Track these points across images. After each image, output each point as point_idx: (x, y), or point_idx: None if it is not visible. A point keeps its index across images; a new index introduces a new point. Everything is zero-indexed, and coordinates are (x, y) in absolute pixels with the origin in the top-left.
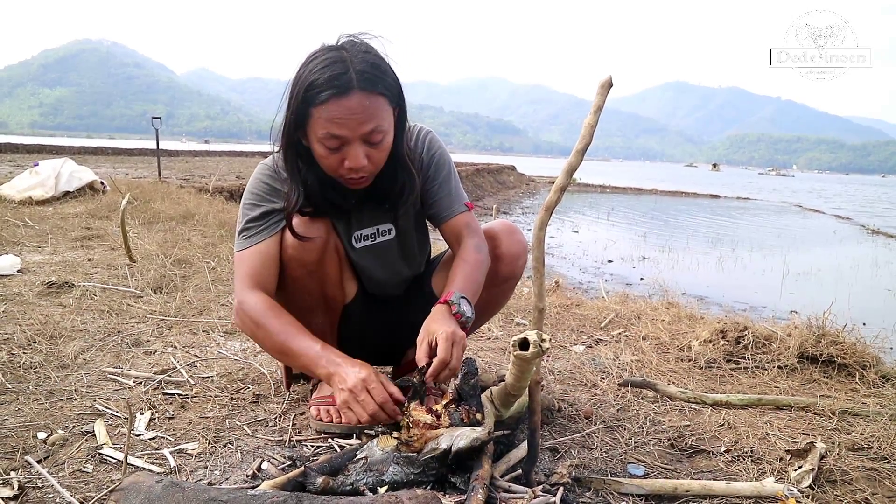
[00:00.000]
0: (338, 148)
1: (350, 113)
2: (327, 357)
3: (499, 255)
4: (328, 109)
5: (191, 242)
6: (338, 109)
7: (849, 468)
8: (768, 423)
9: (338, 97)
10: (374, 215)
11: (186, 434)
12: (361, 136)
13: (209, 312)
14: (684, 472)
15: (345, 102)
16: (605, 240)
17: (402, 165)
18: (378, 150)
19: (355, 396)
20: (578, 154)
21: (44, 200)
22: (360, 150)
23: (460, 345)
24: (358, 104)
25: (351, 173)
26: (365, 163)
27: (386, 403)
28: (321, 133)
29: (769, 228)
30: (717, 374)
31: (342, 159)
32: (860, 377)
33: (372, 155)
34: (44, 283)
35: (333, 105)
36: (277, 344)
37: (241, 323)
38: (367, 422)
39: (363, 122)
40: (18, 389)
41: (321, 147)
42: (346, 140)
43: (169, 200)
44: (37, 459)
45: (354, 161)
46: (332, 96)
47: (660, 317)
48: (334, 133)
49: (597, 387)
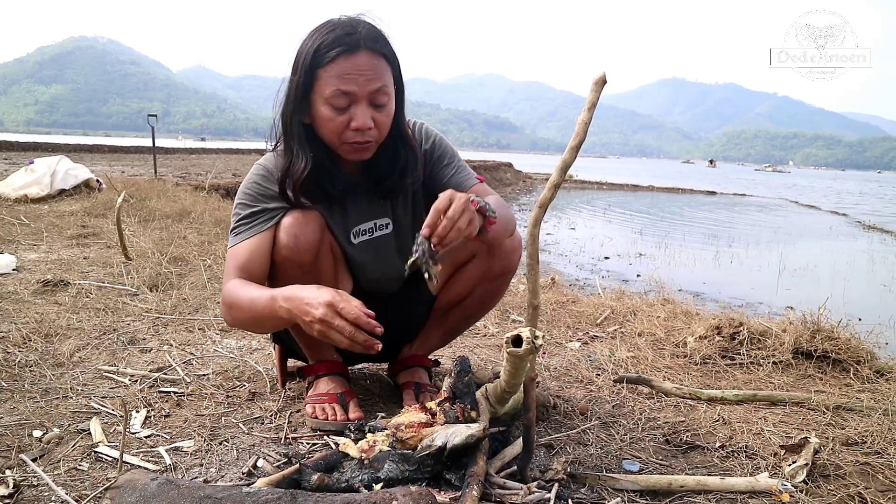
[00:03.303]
0: (345, 108)
1: (359, 69)
2: (281, 295)
3: (493, 250)
4: (337, 66)
5: (187, 240)
6: (347, 65)
7: (843, 463)
8: (763, 418)
9: (347, 54)
10: (372, 210)
11: (182, 432)
12: (369, 94)
13: (205, 310)
14: (679, 467)
15: (353, 59)
16: (602, 236)
17: (403, 142)
18: (383, 114)
19: (329, 324)
20: (573, 151)
21: (39, 198)
22: (367, 110)
23: (470, 210)
24: (366, 62)
25: (356, 136)
26: (371, 124)
27: (359, 319)
28: (329, 92)
29: (765, 225)
30: (713, 370)
31: (349, 120)
32: (854, 372)
33: (377, 119)
34: (39, 281)
35: (342, 61)
36: (246, 312)
37: (224, 313)
38: (348, 346)
39: (371, 80)
40: (14, 388)
41: (328, 109)
42: (354, 97)
43: (165, 198)
44: (32, 458)
45: (362, 120)
46: (341, 53)
47: (655, 313)
48: (343, 89)
49: (592, 383)
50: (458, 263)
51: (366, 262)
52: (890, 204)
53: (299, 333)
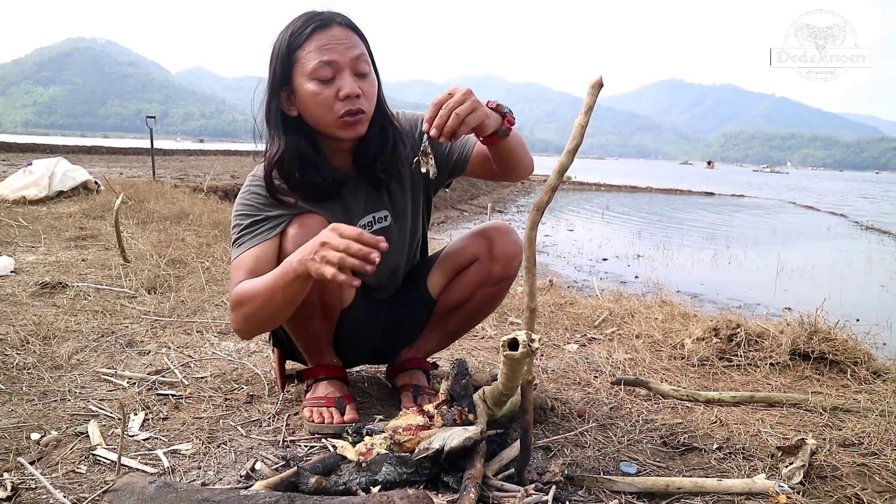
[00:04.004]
0: (330, 79)
1: (335, 39)
2: (287, 260)
3: (493, 255)
4: (314, 41)
5: (185, 242)
6: (323, 37)
7: (839, 464)
8: (760, 420)
9: (320, 29)
10: (370, 203)
11: (180, 434)
12: (350, 61)
13: (203, 313)
14: (676, 469)
15: (328, 32)
16: (600, 238)
17: (389, 122)
18: (367, 83)
19: (334, 246)
20: (569, 154)
21: (37, 200)
22: (352, 78)
23: (473, 100)
24: (341, 32)
25: (347, 104)
26: (359, 91)
27: (361, 234)
28: (311, 66)
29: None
30: (710, 372)
31: (336, 91)
32: (852, 373)
33: (363, 87)
34: (37, 283)
35: (318, 35)
36: (261, 296)
37: (235, 318)
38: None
39: (349, 48)
40: (12, 390)
41: (314, 84)
42: (337, 66)
43: (163, 200)
44: (30, 460)
45: (349, 86)
46: (316, 29)
47: (653, 315)
48: (324, 59)
49: (590, 385)
50: (459, 267)
51: None
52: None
53: (299, 336)
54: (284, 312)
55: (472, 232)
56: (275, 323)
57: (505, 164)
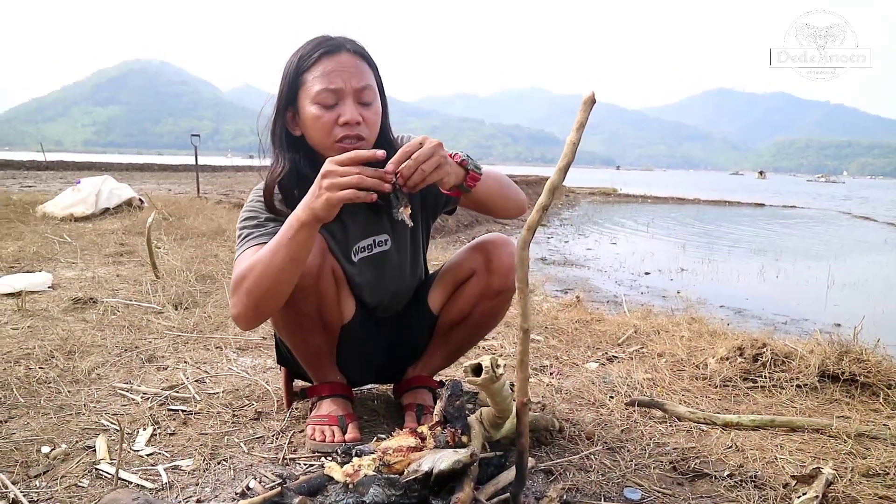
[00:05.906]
0: (332, 105)
1: (342, 66)
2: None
3: (491, 268)
4: (321, 66)
5: (217, 258)
6: (330, 63)
7: (859, 495)
8: (779, 445)
9: (329, 55)
10: (370, 226)
11: (184, 450)
12: (354, 90)
13: (225, 328)
14: (683, 496)
15: (336, 58)
16: (644, 251)
17: (392, 149)
18: (370, 111)
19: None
20: (561, 172)
21: (84, 217)
22: (354, 106)
23: (440, 156)
24: (348, 60)
25: (346, 130)
26: (359, 118)
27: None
28: (315, 90)
29: (815, 237)
30: (733, 393)
31: (337, 116)
32: (885, 397)
33: (365, 115)
34: (71, 298)
35: (325, 61)
36: (267, 258)
37: (234, 302)
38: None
39: (354, 76)
40: (30, 404)
41: (316, 107)
42: (340, 94)
43: (202, 216)
44: (36, 474)
45: (350, 114)
46: (324, 55)
47: (680, 332)
48: (329, 86)
49: (604, 406)
50: (457, 281)
51: (366, 280)
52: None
53: (299, 352)
54: (288, 276)
55: (469, 245)
56: (277, 296)
57: (480, 209)
